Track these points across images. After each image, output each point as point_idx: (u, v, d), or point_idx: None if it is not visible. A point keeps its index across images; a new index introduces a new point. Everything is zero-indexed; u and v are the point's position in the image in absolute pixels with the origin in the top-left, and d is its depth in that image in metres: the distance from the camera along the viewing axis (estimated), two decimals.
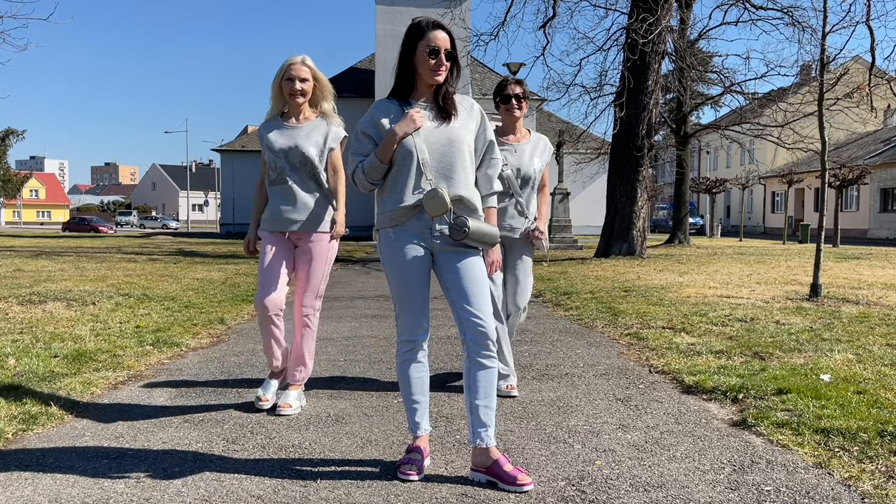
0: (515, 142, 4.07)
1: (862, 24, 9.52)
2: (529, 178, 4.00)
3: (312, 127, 3.75)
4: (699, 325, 6.25)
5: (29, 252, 17.48)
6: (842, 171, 24.89)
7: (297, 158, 3.67)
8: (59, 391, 3.95)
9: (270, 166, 3.72)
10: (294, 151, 3.67)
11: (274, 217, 3.73)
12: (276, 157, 3.69)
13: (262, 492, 2.63)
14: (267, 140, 3.73)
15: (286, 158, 3.67)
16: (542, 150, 4.10)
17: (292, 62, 3.68)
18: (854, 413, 3.47)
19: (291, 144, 3.67)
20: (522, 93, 4.06)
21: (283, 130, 3.72)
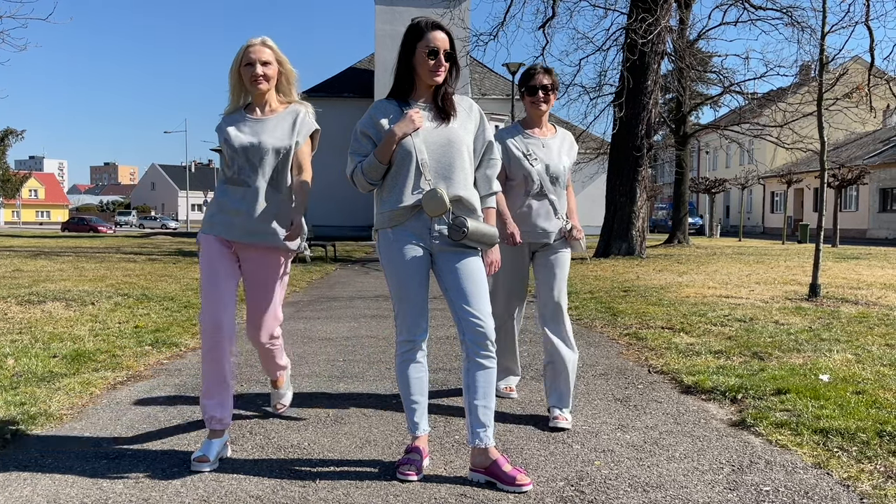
0: (542, 135, 3.67)
1: (861, 24, 9.52)
2: (559, 177, 3.63)
3: (279, 119, 3.17)
4: (698, 326, 6.25)
5: (28, 252, 17.47)
6: (841, 171, 24.88)
7: (259, 157, 3.08)
8: (57, 391, 3.95)
9: (228, 163, 3.19)
10: (256, 149, 3.08)
11: (226, 222, 3.09)
12: (235, 154, 3.10)
13: (261, 492, 2.63)
14: (226, 134, 3.16)
15: (247, 157, 3.08)
16: (569, 147, 3.76)
17: (251, 44, 3.12)
18: (853, 413, 3.47)
19: (254, 141, 3.09)
20: (552, 84, 3.60)
21: (244, 124, 3.16)
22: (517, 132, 3.64)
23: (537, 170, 3.55)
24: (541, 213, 3.60)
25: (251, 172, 3.10)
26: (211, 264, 3.06)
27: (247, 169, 3.10)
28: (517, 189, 3.60)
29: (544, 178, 3.57)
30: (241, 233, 3.09)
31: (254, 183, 3.09)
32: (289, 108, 3.21)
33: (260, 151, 3.09)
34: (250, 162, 3.10)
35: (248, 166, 3.10)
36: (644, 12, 13.95)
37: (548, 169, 3.59)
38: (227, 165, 3.20)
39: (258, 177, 3.09)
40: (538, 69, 3.64)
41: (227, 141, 3.15)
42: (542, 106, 3.61)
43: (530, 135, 3.65)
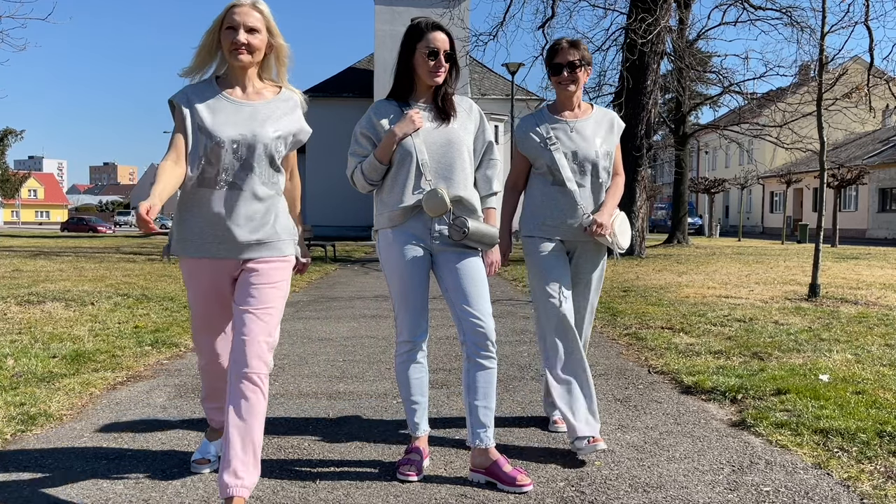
0: (572, 118, 3.22)
1: (861, 24, 9.52)
2: (591, 164, 3.15)
3: (273, 108, 2.56)
4: (698, 326, 6.25)
5: (27, 252, 17.46)
6: (840, 171, 24.90)
7: (255, 153, 2.49)
8: (57, 392, 3.95)
9: (206, 157, 2.47)
10: (250, 144, 2.48)
11: (216, 237, 2.49)
12: (219, 147, 2.46)
13: (262, 493, 2.63)
14: (197, 115, 2.47)
15: (235, 153, 2.47)
16: (607, 128, 3.25)
17: (237, 3, 2.49)
18: (853, 413, 3.47)
19: (246, 133, 2.48)
20: (580, 59, 3.13)
21: (227, 107, 2.51)
22: (542, 117, 3.24)
23: (556, 157, 3.14)
24: (564, 206, 3.16)
25: (242, 172, 2.49)
26: (205, 299, 2.59)
27: (236, 168, 2.48)
28: (543, 178, 3.21)
29: (564, 166, 3.13)
30: (240, 249, 2.51)
31: (246, 184, 2.50)
32: (281, 95, 2.61)
33: (255, 147, 2.49)
34: (242, 159, 2.48)
35: (240, 164, 2.48)
36: (643, 12, 13.96)
37: (574, 156, 3.15)
38: (202, 161, 2.47)
39: (251, 176, 2.50)
40: (563, 43, 3.16)
41: (200, 127, 2.47)
42: (570, 86, 3.15)
43: (558, 119, 3.21)
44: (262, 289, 2.50)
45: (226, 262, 2.54)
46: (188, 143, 2.49)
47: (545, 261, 3.16)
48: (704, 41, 23.45)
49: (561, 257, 3.19)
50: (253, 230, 2.51)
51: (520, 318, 7.10)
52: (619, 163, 3.35)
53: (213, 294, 2.58)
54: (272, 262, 2.55)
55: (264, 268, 2.53)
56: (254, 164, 2.50)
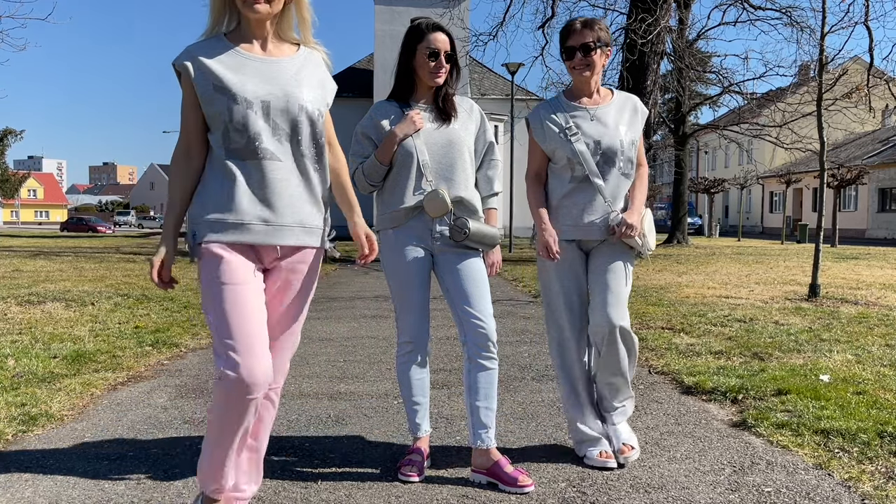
0: (592, 105, 2.93)
1: (860, 24, 9.53)
2: (615, 154, 2.87)
3: (299, 64, 2.17)
4: (698, 326, 6.25)
5: (27, 252, 17.46)
6: (840, 171, 24.91)
7: (291, 118, 2.11)
8: (58, 392, 3.95)
9: (231, 122, 2.06)
10: (284, 107, 2.10)
11: (243, 220, 2.09)
12: (246, 109, 2.06)
13: (263, 493, 2.63)
14: (212, 73, 2.05)
15: (266, 117, 2.08)
16: (630, 114, 2.95)
17: None
18: (853, 414, 3.47)
19: (277, 93, 2.09)
20: (595, 40, 2.82)
21: (247, 63, 2.09)
22: (558, 104, 2.94)
23: (578, 149, 2.84)
24: (585, 202, 2.88)
25: (275, 140, 2.09)
26: (234, 290, 2.05)
27: (267, 134, 2.08)
28: (561, 173, 2.92)
29: (588, 159, 2.84)
30: (275, 233, 2.12)
31: (286, 156, 2.12)
32: (302, 50, 2.22)
33: (288, 109, 2.10)
34: (274, 123, 2.09)
35: (271, 129, 2.09)
36: (643, 12, 13.97)
37: (598, 146, 2.85)
38: (227, 128, 2.06)
39: (291, 146, 2.13)
40: (576, 24, 2.86)
41: (217, 86, 2.04)
42: (585, 72, 2.85)
43: (576, 106, 2.92)
44: (300, 290, 2.24)
45: (262, 250, 2.15)
46: (206, 114, 2.08)
47: (558, 274, 2.94)
48: (704, 41, 23.47)
49: (576, 269, 2.95)
50: (296, 212, 2.14)
51: (520, 318, 7.10)
52: (643, 152, 3.06)
53: (244, 288, 2.09)
54: (313, 255, 2.24)
55: (301, 264, 2.22)
56: (291, 130, 2.12)
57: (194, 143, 2.14)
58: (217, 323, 2.05)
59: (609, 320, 2.84)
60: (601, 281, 2.90)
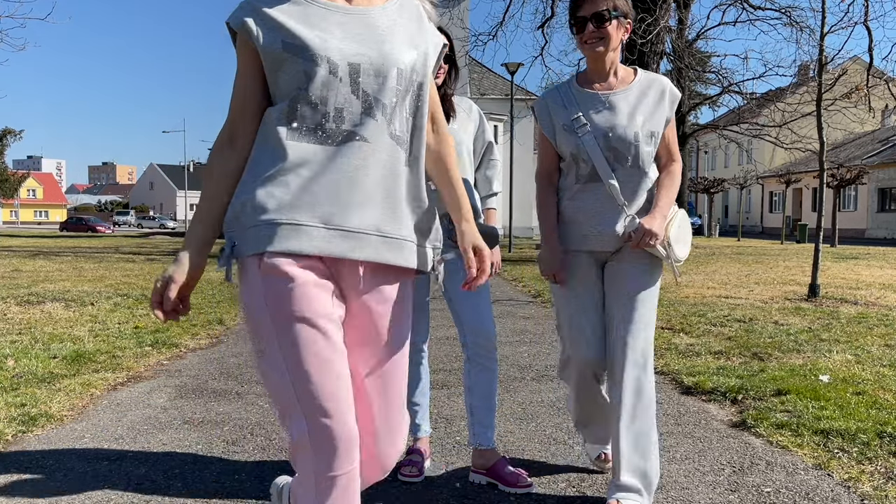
0: (606, 89, 2.46)
1: (860, 24, 9.53)
2: (627, 149, 2.41)
3: (394, 16, 1.63)
4: (698, 326, 6.26)
5: (27, 252, 17.46)
6: (840, 171, 24.92)
7: (387, 86, 1.56)
8: (58, 392, 3.95)
9: (304, 92, 1.52)
10: (379, 70, 1.55)
11: (297, 219, 1.50)
12: (328, 73, 1.51)
13: (263, 494, 2.63)
14: (282, 27, 1.52)
15: (353, 83, 1.53)
16: (655, 99, 2.46)
17: None
18: (853, 414, 3.48)
19: (369, 52, 1.55)
20: (610, 8, 2.34)
21: (328, 15, 1.56)
22: (567, 90, 2.51)
23: (584, 143, 2.42)
24: (596, 206, 2.45)
25: (367, 116, 1.54)
26: (303, 320, 1.47)
27: (356, 109, 1.53)
28: (568, 172, 2.52)
29: (597, 155, 2.41)
30: (361, 243, 1.54)
31: (376, 138, 1.55)
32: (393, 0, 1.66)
33: (387, 77, 1.56)
34: (365, 96, 1.54)
35: (361, 104, 1.54)
36: (643, 12, 13.96)
37: (607, 138, 2.41)
38: (298, 100, 1.52)
39: (384, 124, 1.56)
40: None
41: (289, 44, 1.51)
42: (598, 46, 2.37)
43: (586, 92, 2.47)
44: (397, 322, 1.65)
45: (337, 267, 1.56)
46: (273, 84, 1.55)
47: (570, 291, 2.50)
48: (704, 41, 23.46)
49: (589, 283, 2.49)
50: (373, 214, 1.54)
51: (520, 319, 7.10)
52: (675, 145, 2.54)
53: (318, 319, 1.49)
54: (398, 278, 1.64)
55: (383, 291, 1.62)
56: (387, 102, 1.55)
57: (244, 127, 1.57)
58: (290, 376, 1.46)
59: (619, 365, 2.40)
60: (616, 312, 2.44)
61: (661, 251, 2.39)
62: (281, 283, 1.48)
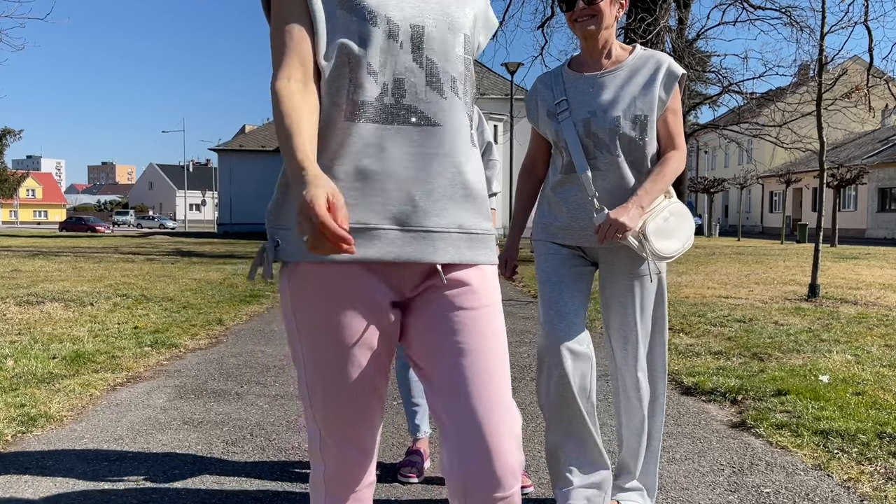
0: (596, 71, 2.26)
1: (860, 24, 9.53)
2: (609, 135, 2.20)
3: None
4: (698, 326, 6.26)
5: (26, 252, 17.46)
6: (840, 171, 24.93)
7: (451, 57, 1.33)
8: (57, 393, 3.94)
9: (368, 61, 1.27)
10: (441, 31, 1.32)
11: (370, 222, 1.28)
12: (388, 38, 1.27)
13: (263, 494, 2.63)
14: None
15: (416, 50, 1.30)
16: (647, 77, 2.22)
17: None
18: (853, 414, 3.48)
19: (431, 11, 1.32)
20: None
21: None
22: (557, 75, 2.33)
23: (564, 129, 2.24)
24: (578, 198, 2.26)
25: (432, 92, 1.31)
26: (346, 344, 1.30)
27: (419, 83, 1.30)
28: (555, 160, 2.35)
29: (574, 141, 2.22)
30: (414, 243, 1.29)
31: (444, 118, 1.31)
32: None
33: (452, 46, 1.33)
34: (429, 66, 1.30)
35: (425, 75, 1.30)
36: (643, 12, 13.96)
37: (587, 124, 2.22)
38: (347, 70, 1.28)
39: (449, 101, 1.32)
40: None
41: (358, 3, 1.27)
42: (590, 24, 2.18)
43: (576, 75, 2.28)
44: (484, 323, 1.34)
45: (402, 273, 1.32)
46: (319, 46, 1.27)
47: (551, 285, 2.29)
48: (704, 41, 23.45)
49: (575, 277, 2.29)
50: (454, 208, 1.32)
51: (519, 319, 7.10)
52: (677, 131, 2.27)
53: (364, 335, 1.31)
54: (483, 276, 1.37)
55: (480, 284, 1.35)
56: (455, 75, 1.33)
57: (310, 70, 1.27)
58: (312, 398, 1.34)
59: (616, 368, 2.34)
60: (606, 316, 2.33)
61: (633, 242, 2.16)
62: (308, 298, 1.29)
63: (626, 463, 2.39)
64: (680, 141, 2.27)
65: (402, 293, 1.34)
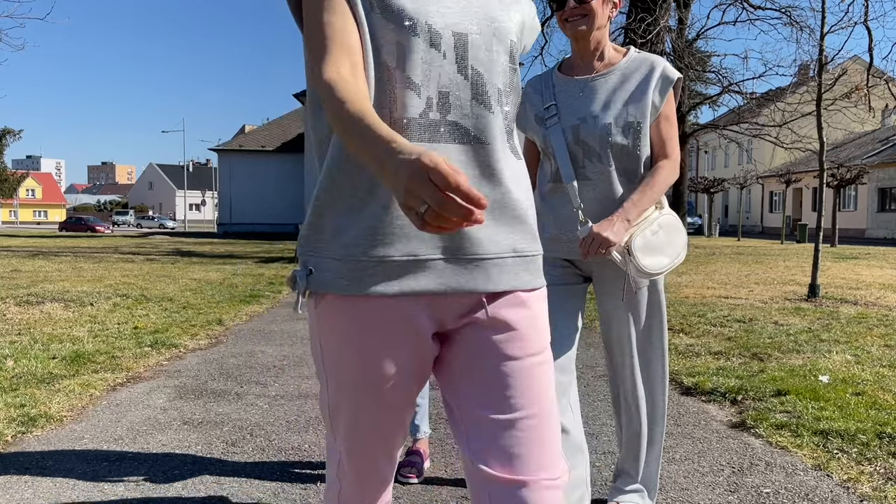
0: (587, 74, 2.17)
1: (860, 24, 9.54)
2: (599, 141, 2.10)
3: None
4: (698, 326, 6.26)
5: (26, 252, 17.46)
6: (840, 171, 24.93)
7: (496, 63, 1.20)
8: (57, 393, 3.94)
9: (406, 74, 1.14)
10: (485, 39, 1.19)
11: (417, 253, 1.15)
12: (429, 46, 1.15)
13: (262, 495, 2.63)
14: None
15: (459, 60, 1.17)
16: (640, 81, 2.12)
17: None
18: (853, 415, 3.48)
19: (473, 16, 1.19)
20: None
21: None
22: (546, 78, 2.25)
23: (552, 137, 2.15)
24: (567, 208, 2.17)
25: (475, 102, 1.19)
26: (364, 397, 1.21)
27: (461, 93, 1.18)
28: (544, 166, 2.27)
29: (561, 148, 2.13)
30: (465, 273, 1.18)
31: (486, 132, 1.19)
32: None
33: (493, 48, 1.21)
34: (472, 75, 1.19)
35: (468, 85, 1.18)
36: (643, 12, 13.96)
37: (576, 130, 2.12)
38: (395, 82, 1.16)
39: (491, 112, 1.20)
40: None
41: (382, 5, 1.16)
42: (581, 24, 2.08)
43: (566, 78, 2.19)
44: (536, 378, 1.19)
45: (447, 304, 1.18)
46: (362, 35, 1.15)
47: None
48: (704, 41, 23.46)
49: (565, 291, 2.21)
50: (520, 231, 1.22)
51: None
52: (670, 139, 2.16)
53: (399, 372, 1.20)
54: (534, 300, 1.24)
55: (530, 327, 1.21)
56: (500, 86, 1.21)
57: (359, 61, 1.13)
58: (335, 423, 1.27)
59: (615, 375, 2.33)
60: (604, 328, 2.29)
61: (616, 257, 2.07)
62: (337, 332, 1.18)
63: (626, 466, 2.38)
64: (672, 149, 2.16)
65: (444, 325, 1.21)
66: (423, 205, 0.87)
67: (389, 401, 1.21)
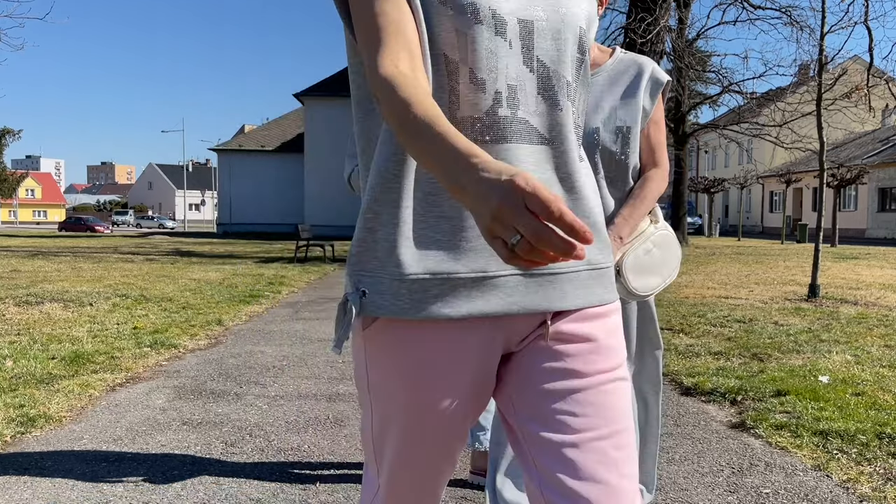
0: None
1: (860, 24, 9.54)
2: (591, 150, 1.99)
3: None
4: (698, 326, 6.25)
5: (25, 252, 17.47)
6: (840, 171, 24.94)
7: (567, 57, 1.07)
8: (56, 393, 3.94)
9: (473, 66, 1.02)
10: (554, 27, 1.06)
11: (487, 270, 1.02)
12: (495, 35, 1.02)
13: (262, 495, 2.63)
14: None
15: (527, 49, 1.04)
16: (628, 84, 2.03)
17: None
18: (852, 415, 3.47)
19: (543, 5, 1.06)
20: None
21: None
22: None
23: None
24: None
25: (546, 100, 1.06)
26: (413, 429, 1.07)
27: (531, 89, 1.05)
28: None
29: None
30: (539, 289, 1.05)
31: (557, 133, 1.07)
32: None
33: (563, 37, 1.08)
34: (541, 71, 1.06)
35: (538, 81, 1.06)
36: (643, 12, 13.97)
37: None
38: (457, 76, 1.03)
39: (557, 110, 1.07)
40: None
41: None
42: None
43: None
44: (612, 397, 1.07)
45: (516, 324, 1.07)
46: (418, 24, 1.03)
47: None
48: (704, 40, 23.49)
49: None
50: (594, 242, 1.13)
51: None
52: (659, 145, 2.07)
53: (457, 406, 1.07)
54: (611, 314, 1.13)
55: (607, 340, 1.10)
56: (570, 79, 1.09)
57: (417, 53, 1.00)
58: (378, 456, 1.15)
59: None
60: None
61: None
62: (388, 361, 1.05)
63: None
64: (662, 156, 2.07)
65: (510, 348, 1.09)
66: (515, 235, 0.75)
67: (442, 436, 1.08)
